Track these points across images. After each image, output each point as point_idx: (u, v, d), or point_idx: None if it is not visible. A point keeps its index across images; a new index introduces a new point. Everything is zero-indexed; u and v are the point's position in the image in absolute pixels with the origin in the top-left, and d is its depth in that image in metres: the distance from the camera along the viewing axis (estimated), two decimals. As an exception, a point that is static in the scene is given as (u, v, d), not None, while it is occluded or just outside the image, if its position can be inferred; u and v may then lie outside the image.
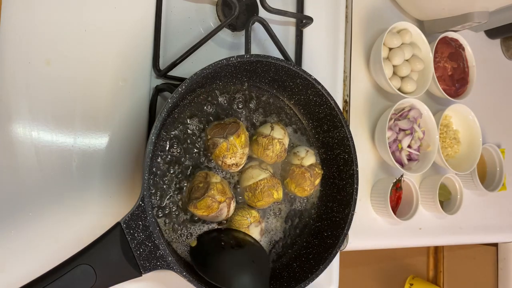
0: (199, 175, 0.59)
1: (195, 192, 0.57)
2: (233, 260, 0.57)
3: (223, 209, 0.58)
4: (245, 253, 0.58)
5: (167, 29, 0.67)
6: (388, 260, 1.45)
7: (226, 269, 0.56)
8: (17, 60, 0.56)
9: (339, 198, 0.68)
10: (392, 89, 0.86)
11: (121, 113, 0.62)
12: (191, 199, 0.57)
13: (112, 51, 0.62)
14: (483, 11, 0.87)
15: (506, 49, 1.18)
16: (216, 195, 0.57)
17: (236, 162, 0.61)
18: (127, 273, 0.50)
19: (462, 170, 0.94)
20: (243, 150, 0.60)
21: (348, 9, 0.89)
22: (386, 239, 0.91)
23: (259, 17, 0.67)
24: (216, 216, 0.58)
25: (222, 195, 0.57)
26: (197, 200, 0.56)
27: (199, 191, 0.57)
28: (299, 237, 0.69)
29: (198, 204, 0.56)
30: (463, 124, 1.00)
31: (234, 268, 0.56)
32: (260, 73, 0.64)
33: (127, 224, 0.50)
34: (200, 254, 0.57)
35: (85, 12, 0.60)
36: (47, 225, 0.56)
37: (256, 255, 0.59)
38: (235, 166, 0.61)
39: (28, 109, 0.56)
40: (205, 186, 0.57)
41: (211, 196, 0.56)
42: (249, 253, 0.59)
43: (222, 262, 0.56)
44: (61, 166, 0.57)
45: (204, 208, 0.56)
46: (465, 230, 1.03)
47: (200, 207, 0.56)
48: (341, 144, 0.68)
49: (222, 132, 0.59)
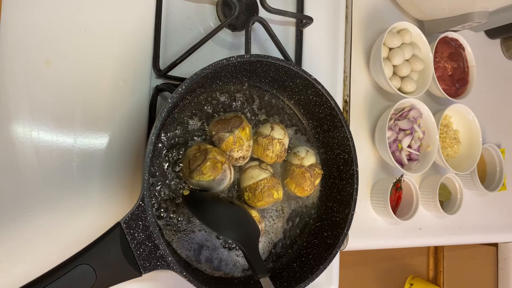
0: (191, 149, 0.59)
1: (195, 161, 0.57)
2: (227, 211, 0.57)
3: (226, 171, 0.58)
4: (239, 209, 0.59)
5: (167, 29, 0.67)
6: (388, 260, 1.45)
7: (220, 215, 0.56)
8: (17, 60, 0.56)
9: (339, 198, 0.68)
10: (392, 89, 0.86)
11: (121, 113, 0.62)
12: (193, 169, 0.57)
13: (112, 51, 0.62)
14: (483, 11, 0.87)
15: (506, 49, 1.18)
16: (217, 155, 0.58)
17: (243, 155, 0.61)
18: (127, 273, 0.50)
19: (462, 170, 0.94)
20: (249, 142, 0.61)
21: (348, 9, 0.89)
22: (386, 239, 0.91)
23: (259, 17, 0.67)
24: (222, 179, 0.58)
25: (221, 156, 0.58)
26: (200, 165, 0.56)
27: (199, 159, 0.57)
28: (299, 237, 0.69)
29: (203, 169, 0.56)
30: (463, 124, 1.00)
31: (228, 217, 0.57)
32: (260, 73, 0.64)
33: (127, 224, 0.50)
34: (194, 199, 0.58)
35: (85, 12, 0.60)
36: (47, 225, 0.56)
37: (248, 216, 0.59)
38: (242, 159, 0.61)
39: (28, 109, 0.56)
40: (203, 152, 0.57)
41: (212, 157, 0.57)
42: (241, 211, 0.59)
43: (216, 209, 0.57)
44: (61, 166, 0.58)
45: (209, 170, 0.57)
46: (465, 230, 1.03)
47: (205, 170, 0.56)
48: (341, 144, 0.68)
49: (226, 126, 0.60)
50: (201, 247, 0.61)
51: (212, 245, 0.61)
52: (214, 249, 0.61)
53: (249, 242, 0.55)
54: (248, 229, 0.57)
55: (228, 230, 0.55)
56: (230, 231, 0.55)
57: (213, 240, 0.62)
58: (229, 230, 0.55)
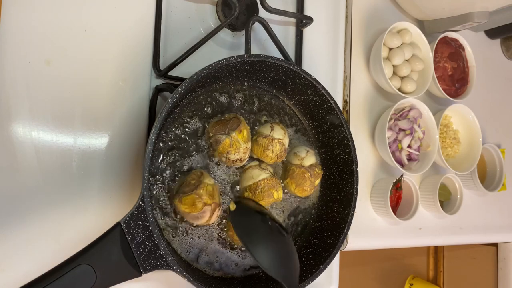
0: (194, 173, 0.59)
1: (185, 187, 0.57)
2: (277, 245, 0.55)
3: (206, 212, 0.56)
4: (289, 243, 0.57)
5: (167, 29, 0.67)
6: (388, 260, 1.45)
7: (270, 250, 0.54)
8: (17, 60, 0.56)
9: (339, 198, 0.68)
10: (392, 89, 0.86)
11: (121, 113, 0.62)
12: (178, 192, 0.57)
13: (112, 51, 0.62)
14: (483, 11, 0.87)
15: (506, 49, 1.18)
16: (204, 195, 0.56)
17: (240, 157, 0.61)
18: (127, 273, 0.50)
19: (462, 170, 0.94)
20: (246, 145, 0.61)
21: (348, 9, 0.89)
22: (386, 239, 0.91)
23: (259, 17, 0.67)
24: (197, 217, 0.56)
25: (209, 197, 0.56)
26: (184, 194, 0.56)
27: (189, 187, 0.56)
28: (299, 237, 0.69)
29: (183, 199, 0.55)
30: (463, 124, 1.00)
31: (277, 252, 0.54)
32: (260, 73, 0.64)
33: (127, 224, 0.50)
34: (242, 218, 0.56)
35: (85, 12, 0.60)
36: (47, 225, 0.56)
37: (294, 250, 0.58)
38: (239, 161, 0.61)
39: (28, 109, 0.56)
40: (196, 184, 0.56)
41: (198, 195, 0.55)
42: (290, 245, 0.57)
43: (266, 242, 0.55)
44: (61, 166, 0.57)
45: (188, 204, 0.55)
46: (465, 230, 1.03)
47: (184, 202, 0.56)
48: (341, 144, 0.68)
49: (223, 128, 0.59)
50: (201, 247, 0.60)
51: (212, 245, 0.61)
52: (214, 250, 0.61)
53: (294, 282, 0.54)
54: (292, 266, 0.55)
55: (274, 268, 0.53)
56: (275, 269, 0.53)
57: (213, 241, 0.62)
58: (275, 267, 0.53)
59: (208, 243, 0.61)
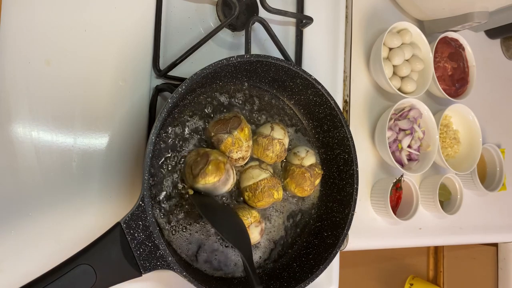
0: (191, 155, 0.59)
1: (197, 166, 0.57)
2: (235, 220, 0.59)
3: (229, 170, 0.58)
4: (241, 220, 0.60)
5: (167, 29, 0.67)
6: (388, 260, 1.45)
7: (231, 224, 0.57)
8: (17, 60, 0.56)
9: (339, 198, 0.68)
10: (392, 89, 0.86)
11: (121, 113, 0.62)
12: (197, 173, 0.56)
13: (112, 51, 0.62)
14: (483, 11, 0.87)
15: (506, 49, 1.18)
16: (218, 156, 0.57)
17: (243, 156, 0.61)
18: (127, 273, 0.50)
19: (462, 170, 0.94)
20: (248, 143, 0.61)
21: (348, 9, 0.89)
22: (386, 239, 0.91)
23: (259, 17, 0.67)
24: (226, 179, 0.58)
25: (222, 157, 0.58)
26: (203, 168, 0.56)
27: (201, 162, 0.57)
28: (299, 237, 0.69)
29: (206, 171, 0.56)
30: (463, 124, 1.00)
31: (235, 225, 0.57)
32: (260, 73, 0.64)
33: (127, 224, 0.50)
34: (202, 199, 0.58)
35: (85, 12, 0.60)
36: (47, 225, 0.56)
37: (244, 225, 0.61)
38: (241, 159, 0.61)
39: (28, 109, 0.56)
40: (204, 156, 0.57)
41: (214, 159, 0.56)
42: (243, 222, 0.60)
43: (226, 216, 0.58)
44: (61, 166, 0.58)
45: (213, 172, 0.56)
46: (465, 230, 1.03)
47: (209, 172, 0.56)
48: (341, 144, 0.68)
49: (225, 127, 0.59)
50: (201, 247, 0.61)
51: (212, 245, 0.61)
52: (214, 249, 0.61)
53: (249, 253, 0.55)
54: (248, 240, 0.57)
55: (234, 238, 0.55)
56: (235, 240, 0.55)
57: (213, 241, 0.62)
58: (235, 238, 0.55)
59: (206, 239, 0.61)
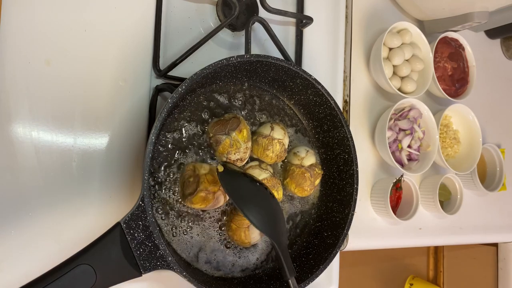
0: (187, 169, 0.59)
1: (187, 188, 0.57)
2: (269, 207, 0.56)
3: (219, 197, 0.58)
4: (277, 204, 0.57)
5: (167, 29, 0.67)
6: (388, 260, 1.45)
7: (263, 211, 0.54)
8: (17, 60, 0.56)
9: (339, 198, 0.68)
10: (392, 89, 0.86)
11: (121, 113, 0.62)
12: (186, 196, 0.58)
13: (112, 51, 0.62)
14: (483, 11, 0.87)
15: (506, 49, 1.18)
16: (208, 186, 0.57)
17: (241, 157, 0.61)
18: (127, 273, 0.50)
19: (462, 170, 0.94)
20: (246, 145, 0.61)
21: (348, 9, 0.89)
22: (386, 239, 0.91)
23: (259, 17, 0.67)
24: (214, 204, 0.58)
25: (214, 185, 0.57)
26: (191, 195, 0.57)
27: (191, 186, 0.57)
28: (299, 237, 0.69)
29: (193, 200, 0.57)
30: (463, 124, 1.00)
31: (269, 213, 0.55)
32: (260, 73, 0.64)
33: (127, 224, 0.50)
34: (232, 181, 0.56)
35: (85, 12, 0.60)
36: (47, 225, 0.56)
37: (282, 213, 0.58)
38: (240, 161, 0.61)
39: (28, 109, 0.56)
40: (196, 180, 0.57)
41: (203, 190, 0.56)
42: (279, 207, 0.58)
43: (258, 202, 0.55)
44: (61, 166, 0.57)
45: (200, 201, 0.57)
46: (465, 230, 1.03)
47: (196, 201, 0.57)
48: (341, 144, 0.68)
49: (223, 128, 0.59)
50: (201, 247, 0.61)
51: (212, 245, 0.61)
52: (214, 249, 0.61)
53: (283, 242, 0.54)
54: (283, 229, 0.56)
55: (266, 228, 0.53)
56: (267, 228, 0.53)
57: (213, 240, 0.62)
58: (267, 226, 0.53)
59: (207, 241, 0.61)
